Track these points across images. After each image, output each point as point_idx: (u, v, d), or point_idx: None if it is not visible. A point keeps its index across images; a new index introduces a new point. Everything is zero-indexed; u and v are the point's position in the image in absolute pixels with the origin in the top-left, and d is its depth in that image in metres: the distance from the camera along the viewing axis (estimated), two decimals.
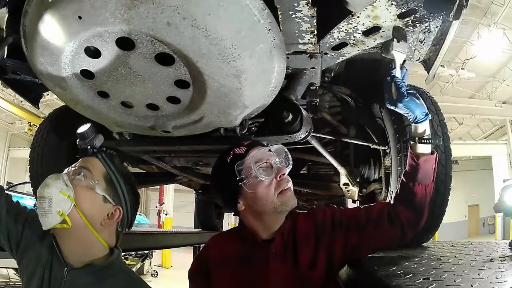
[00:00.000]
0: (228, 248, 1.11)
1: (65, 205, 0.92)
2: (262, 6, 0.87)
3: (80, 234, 0.95)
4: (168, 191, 13.08)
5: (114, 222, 0.99)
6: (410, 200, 1.05)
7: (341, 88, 1.85)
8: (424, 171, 1.04)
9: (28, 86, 1.55)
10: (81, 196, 0.95)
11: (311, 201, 4.46)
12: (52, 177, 0.97)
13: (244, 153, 1.03)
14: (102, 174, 0.99)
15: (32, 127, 12.38)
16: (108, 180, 0.99)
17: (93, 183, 0.96)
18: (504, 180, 8.08)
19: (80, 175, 0.97)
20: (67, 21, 0.85)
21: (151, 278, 9.97)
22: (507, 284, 0.72)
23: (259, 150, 1.03)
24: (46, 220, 0.93)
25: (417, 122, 1.04)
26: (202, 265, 1.11)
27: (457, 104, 12.11)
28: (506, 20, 9.09)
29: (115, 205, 0.99)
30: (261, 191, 1.01)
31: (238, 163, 1.01)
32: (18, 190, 6.32)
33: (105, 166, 1.00)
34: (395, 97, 1.03)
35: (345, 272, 1.15)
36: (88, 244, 0.97)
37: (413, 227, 1.06)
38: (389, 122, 1.62)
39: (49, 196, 0.93)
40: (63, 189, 0.93)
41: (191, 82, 0.99)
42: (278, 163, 1.03)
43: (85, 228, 0.95)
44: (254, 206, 1.03)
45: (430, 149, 1.05)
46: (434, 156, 1.05)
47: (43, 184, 0.96)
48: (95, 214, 0.96)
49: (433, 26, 1.15)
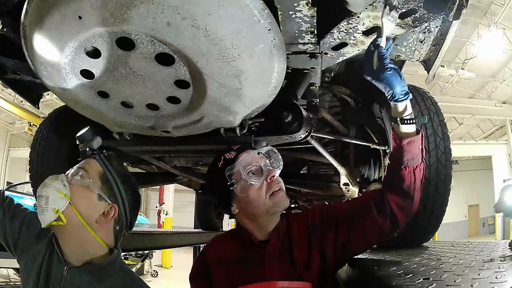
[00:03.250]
0: (227, 249, 1.12)
1: (60, 203, 0.96)
2: (262, 6, 0.87)
3: (77, 231, 0.98)
4: (168, 191, 13.09)
5: (109, 220, 1.00)
6: (398, 185, 1.01)
7: (341, 88, 1.85)
8: (410, 154, 0.98)
9: (28, 86, 1.55)
10: (76, 195, 0.98)
11: (311, 201, 4.46)
12: (51, 178, 1.01)
13: (234, 157, 1.05)
14: (98, 173, 1.02)
15: (32, 127, 12.38)
16: (104, 179, 1.02)
17: (87, 182, 0.99)
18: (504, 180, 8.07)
19: (78, 175, 1.00)
20: (67, 21, 0.85)
21: (151, 278, 9.98)
22: (507, 284, 0.72)
23: (249, 153, 1.05)
24: (43, 217, 0.97)
25: (397, 101, 0.96)
26: (203, 267, 1.12)
27: (457, 104, 12.11)
28: (506, 20, 9.09)
29: (111, 203, 1.01)
30: (253, 194, 1.03)
31: (228, 168, 1.03)
32: (18, 190, 6.32)
33: (101, 166, 1.03)
34: (376, 67, 0.95)
35: (345, 272, 1.15)
36: (85, 242, 0.99)
37: (405, 213, 1.02)
38: (389, 122, 1.62)
39: (46, 195, 0.97)
40: (60, 188, 0.97)
41: (191, 82, 0.99)
42: (268, 165, 1.05)
43: (81, 225, 0.97)
44: (247, 209, 1.05)
45: (414, 129, 0.98)
46: (420, 136, 0.98)
47: (42, 184, 1.00)
48: (90, 212, 0.99)
49: (433, 26, 1.14)
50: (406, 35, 1.16)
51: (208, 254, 1.14)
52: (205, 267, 1.11)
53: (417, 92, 1.65)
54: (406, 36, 1.18)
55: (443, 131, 1.52)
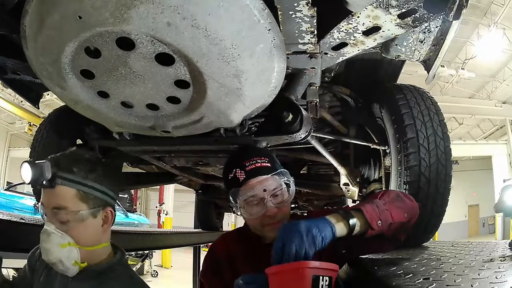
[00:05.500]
0: (235, 246, 1.16)
1: (73, 255, 0.92)
2: (262, 6, 0.87)
3: (91, 253, 0.98)
4: (168, 191, 13.09)
5: (111, 221, 1.00)
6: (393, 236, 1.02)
7: (341, 88, 1.85)
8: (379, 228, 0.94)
9: (28, 86, 1.55)
10: (76, 234, 0.93)
11: (311, 201, 4.46)
12: (44, 237, 0.92)
13: (242, 181, 1.04)
14: (72, 197, 0.94)
15: (32, 127, 12.39)
16: (82, 196, 0.95)
17: (73, 215, 0.93)
18: (504, 180, 8.07)
19: (60, 216, 0.92)
20: (67, 21, 0.85)
21: (151, 278, 9.98)
22: (507, 284, 0.72)
23: (258, 181, 1.03)
24: (69, 273, 0.94)
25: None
26: (212, 263, 1.15)
27: (457, 104, 12.12)
28: (506, 20, 9.09)
29: (104, 209, 0.99)
30: (248, 219, 1.10)
31: (232, 191, 1.06)
32: (18, 190, 6.34)
33: (68, 185, 0.94)
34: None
35: (345, 272, 1.15)
36: (95, 254, 0.99)
37: (404, 234, 1.07)
38: (389, 122, 1.62)
39: (57, 259, 0.91)
40: (60, 242, 0.91)
41: (191, 82, 0.99)
42: (270, 202, 1.03)
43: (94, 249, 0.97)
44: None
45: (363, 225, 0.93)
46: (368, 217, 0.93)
47: (44, 251, 0.93)
48: (95, 235, 0.98)
49: (433, 26, 1.14)
50: (406, 35, 1.16)
51: (217, 251, 1.17)
52: (215, 263, 1.14)
53: (417, 92, 1.65)
54: (406, 36, 1.18)
55: (443, 131, 1.52)
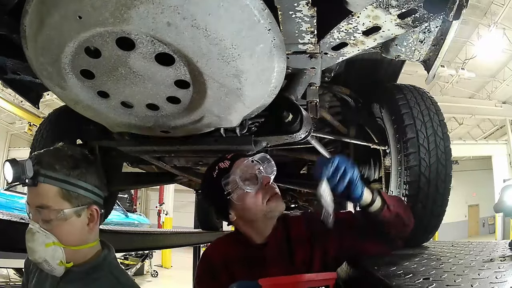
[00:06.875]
0: (228, 250, 1.15)
1: (58, 254, 0.90)
2: (262, 6, 0.86)
3: (78, 253, 0.95)
4: (168, 191, 13.09)
5: (97, 220, 0.97)
6: (392, 227, 1.03)
7: (341, 88, 1.85)
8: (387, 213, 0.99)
9: (28, 86, 1.55)
10: (60, 234, 0.91)
11: (311, 201, 4.46)
12: (28, 236, 0.91)
13: (228, 166, 1.06)
14: (54, 194, 0.90)
15: (32, 127, 12.37)
16: (65, 194, 0.91)
17: (56, 214, 0.90)
18: (504, 180, 8.08)
19: (43, 215, 0.90)
20: (67, 21, 0.85)
21: (151, 278, 9.98)
22: (507, 284, 0.72)
23: (243, 162, 1.06)
24: (56, 273, 0.93)
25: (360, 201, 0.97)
26: (208, 269, 1.14)
27: (457, 104, 12.11)
28: (506, 20, 9.09)
29: (89, 207, 0.95)
30: (249, 201, 1.05)
31: (223, 178, 1.05)
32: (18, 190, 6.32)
33: (50, 182, 0.90)
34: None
35: (345, 272, 1.16)
36: (81, 254, 0.97)
37: (404, 238, 1.08)
38: (389, 122, 1.62)
39: (42, 259, 0.90)
40: (45, 241, 0.90)
41: (191, 82, 0.99)
42: (262, 172, 1.06)
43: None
44: (245, 216, 1.08)
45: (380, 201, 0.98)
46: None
47: (29, 251, 0.91)
48: (80, 234, 0.95)
49: (433, 26, 1.14)
50: (406, 35, 1.16)
51: (212, 256, 1.16)
52: (210, 269, 1.13)
53: (417, 92, 1.65)
54: (406, 36, 1.18)
55: (443, 131, 1.52)
